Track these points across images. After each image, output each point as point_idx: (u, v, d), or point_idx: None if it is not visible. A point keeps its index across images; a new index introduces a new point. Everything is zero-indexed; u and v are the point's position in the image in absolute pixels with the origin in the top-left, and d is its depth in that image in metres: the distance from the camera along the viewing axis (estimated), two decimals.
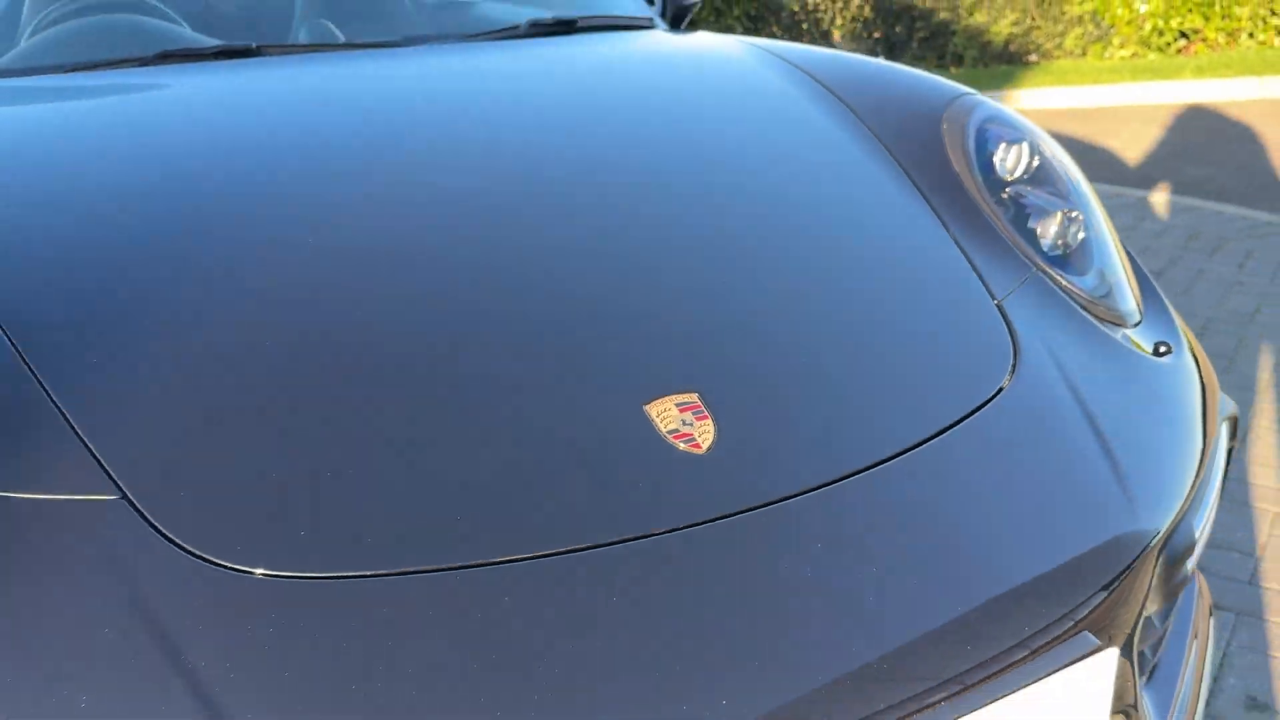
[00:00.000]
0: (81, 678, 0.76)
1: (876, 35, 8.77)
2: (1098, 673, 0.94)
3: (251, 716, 0.74)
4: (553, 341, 1.05)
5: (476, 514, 0.88)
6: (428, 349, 1.03)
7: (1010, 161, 1.47)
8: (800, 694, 0.80)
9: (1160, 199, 4.38)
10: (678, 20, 2.37)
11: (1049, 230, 1.39)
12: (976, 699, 0.86)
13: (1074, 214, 1.42)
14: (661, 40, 2.03)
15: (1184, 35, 8.77)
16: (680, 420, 0.96)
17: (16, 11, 2.01)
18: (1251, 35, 8.79)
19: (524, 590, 0.82)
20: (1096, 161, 5.27)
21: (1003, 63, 8.52)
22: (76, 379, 0.94)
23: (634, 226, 1.27)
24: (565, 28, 1.97)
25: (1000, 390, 1.10)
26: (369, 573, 0.83)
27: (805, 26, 8.62)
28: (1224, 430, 1.30)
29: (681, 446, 0.95)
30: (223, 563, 0.82)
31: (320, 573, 0.83)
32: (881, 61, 1.82)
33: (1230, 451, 1.36)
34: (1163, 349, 1.29)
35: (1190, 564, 1.13)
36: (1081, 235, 1.42)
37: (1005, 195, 1.43)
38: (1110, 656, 0.94)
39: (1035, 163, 1.49)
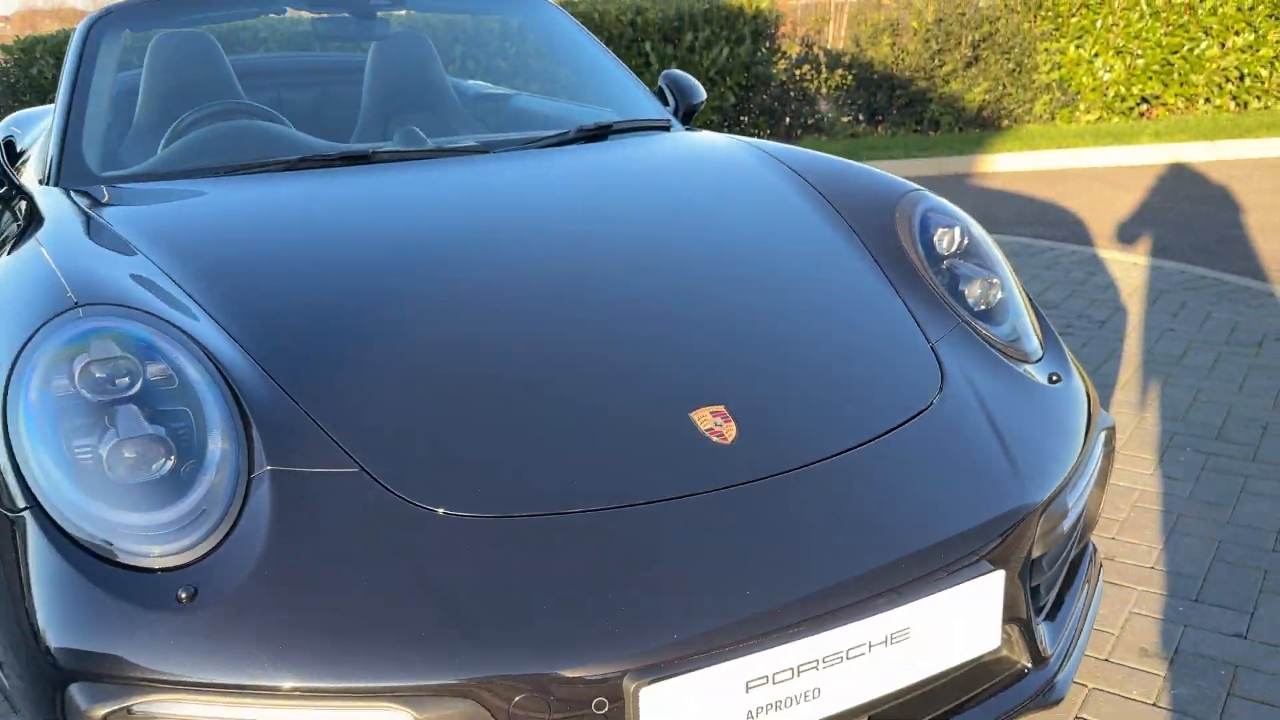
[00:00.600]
0: (344, 584, 1.24)
1: (859, 102, 9.38)
2: (992, 587, 1.41)
3: (448, 608, 1.22)
4: (632, 367, 1.55)
5: (588, 478, 1.37)
6: (551, 366, 1.55)
7: (946, 242, 1.98)
8: (794, 587, 1.28)
9: (1110, 255, 4.91)
10: (688, 117, 2.89)
11: (974, 293, 1.90)
12: (915, 594, 1.34)
13: (993, 280, 1.93)
14: (679, 141, 2.55)
15: (1145, 100, 9.41)
16: (713, 422, 1.46)
17: (150, 121, 2.51)
18: (1208, 100, 9.43)
19: (625, 527, 1.31)
20: (1058, 222, 5.82)
21: (976, 128, 9.12)
22: (320, 397, 1.43)
23: (674, 288, 1.78)
24: (605, 131, 2.49)
25: (931, 404, 1.59)
26: (520, 514, 1.31)
27: (793, 94, 9.22)
28: (1101, 437, 1.78)
29: (714, 440, 1.44)
30: (424, 506, 1.31)
31: (486, 513, 1.31)
32: (850, 162, 2.34)
33: (1111, 453, 1.84)
34: (1055, 378, 1.79)
35: (1067, 526, 1.60)
36: (999, 296, 1.92)
37: (942, 266, 1.94)
38: (999, 577, 1.42)
39: (965, 242, 2.00)
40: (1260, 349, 3.60)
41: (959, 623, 1.38)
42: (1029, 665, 1.54)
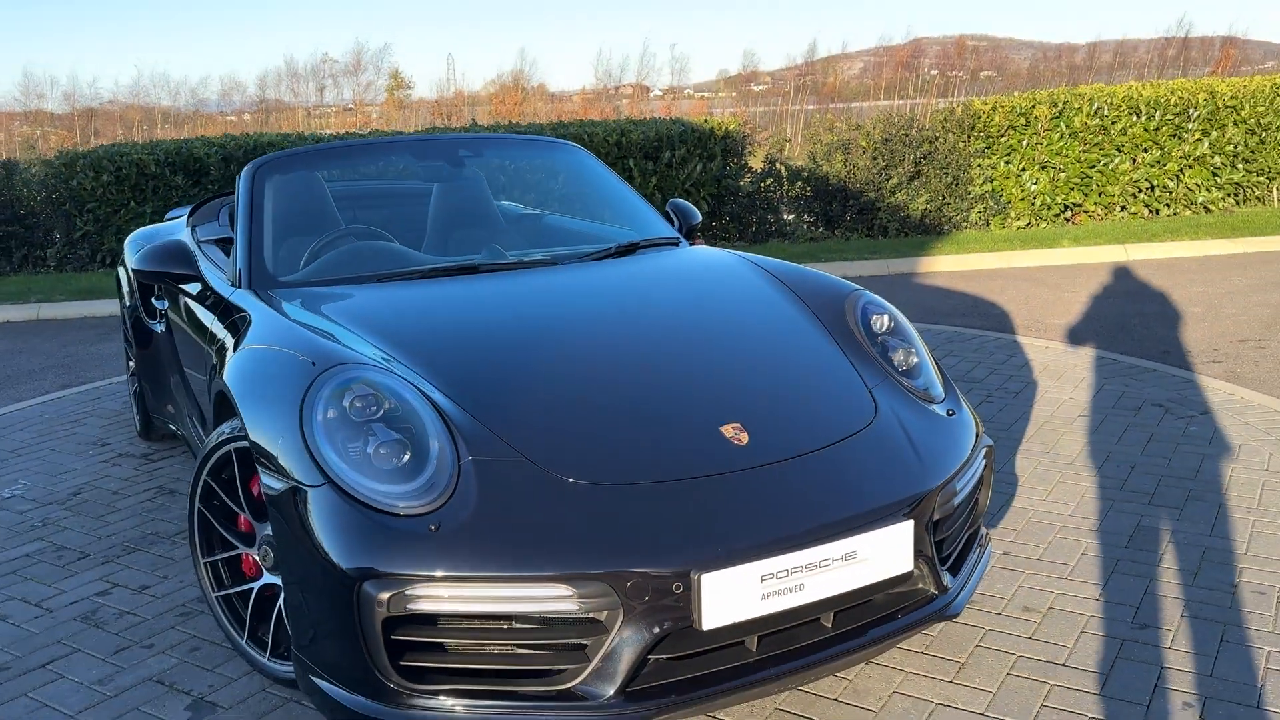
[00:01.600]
0: (520, 519, 2.10)
1: (817, 211, 10.49)
2: (906, 531, 2.28)
3: (583, 532, 2.07)
4: (680, 397, 2.45)
5: (659, 463, 2.24)
6: (628, 395, 2.45)
7: (879, 324, 2.91)
8: (788, 524, 2.15)
9: (1028, 341, 5.90)
10: (690, 234, 3.85)
11: (898, 358, 2.81)
12: (859, 531, 2.20)
13: (911, 350, 2.85)
14: (687, 254, 3.50)
15: (1068, 208, 10.62)
16: (734, 432, 2.34)
17: (297, 242, 3.40)
18: (1124, 208, 10.66)
19: (686, 490, 2.18)
20: (987, 314, 6.84)
21: (920, 233, 10.25)
22: (491, 415, 2.30)
23: (699, 348, 2.71)
24: (634, 248, 3.43)
25: (870, 424, 2.49)
26: (618, 482, 2.18)
27: (759, 204, 10.32)
28: (983, 451, 2.68)
29: (735, 443, 2.32)
30: (560, 476, 2.17)
31: (598, 481, 2.18)
32: (811, 269, 3.28)
33: (990, 463, 2.74)
34: (950, 413, 2.70)
35: (957, 503, 2.48)
36: (915, 360, 2.84)
37: (877, 341, 2.86)
38: (910, 525, 2.28)
39: (892, 325, 2.93)
40: (1139, 411, 4.55)
41: (886, 551, 2.25)
42: (936, 592, 2.41)
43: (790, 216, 10.54)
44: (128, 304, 4.40)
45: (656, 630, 2.04)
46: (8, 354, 6.94)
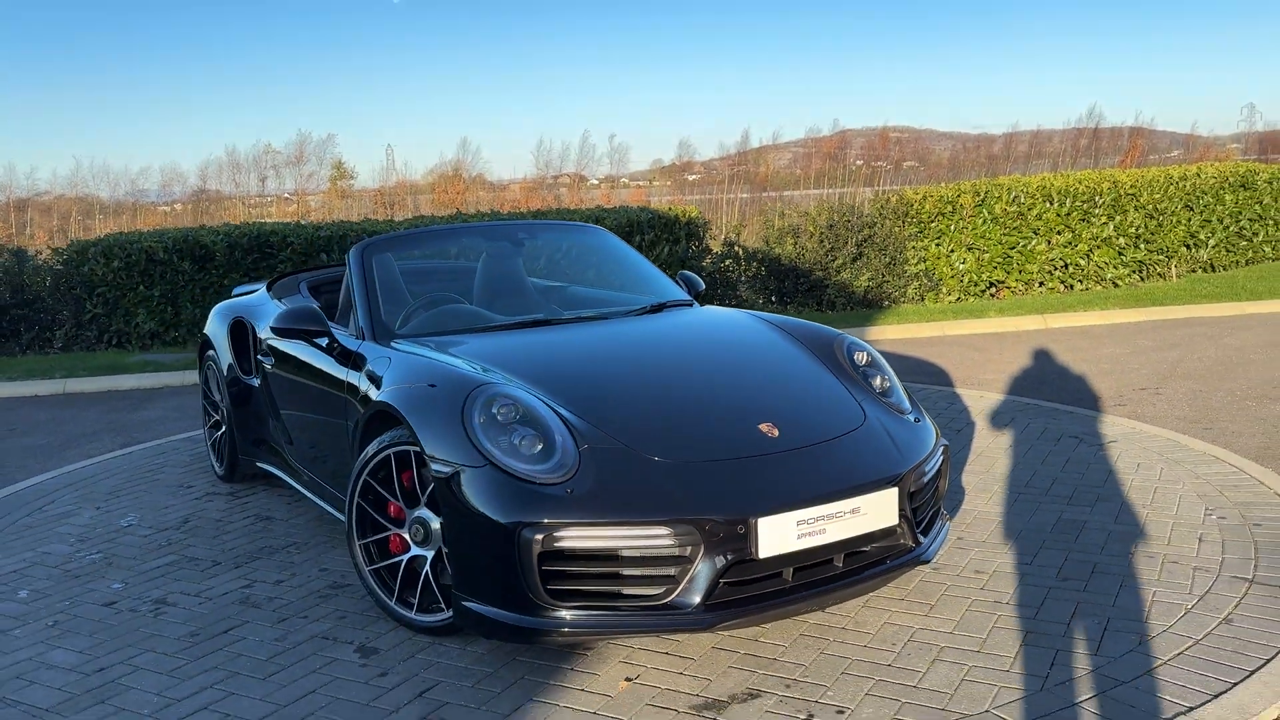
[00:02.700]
0: (627, 486, 2.99)
1: (771, 288, 11.59)
2: (891, 495, 3.20)
3: (673, 491, 2.97)
4: (725, 405, 3.38)
5: (719, 447, 3.15)
6: (689, 406, 3.36)
7: (860, 358, 3.88)
8: (813, 489, 3.07)
9: (965, 392, 6.93)
10: (698, 298, 4.80)
11: (876, 383, 3.77)
12: (861, 494, 3.12)
13: (886, 377, 3.82)
14: (700, 311, 4.46)
15: (993, 285, 11.87)
16: (768, 429, 3.27)
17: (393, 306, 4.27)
18: (1041, 284, 11.93)
19: (740, 467, 3.09)
20: (929, 372, 7.89)
21: (863, 307, 11.38)
22: (597, 418, 3.20)
23: (731, 375, 3.64)
24: (666, 305, 4.38)
25: (860, 425, 3.43)
26: (693, 459, 3.09)
27: (719, 281, 11.38)
28: (941, 448, 3.63)
29: (770, 436, 3.24)
30: (650, 457, 3.07)
31: (678, 460, 3.08)
32: (804, 320, 4.25)
33: (948, 458, 3.68)
34: (916, 420, 3.65)
35: (924, 481, 3.41)
36: (889, 384, 3.80)
37: (860, 370, 3.82)
38: (895, 492, 3.20)
39: (870, 359, 3.90)
40: (1059, 441, 5.56)
41: (879, 508, 3.17)
42: (913, 545, 3.33)
43: (747, 293, 11.61)
44: (225, 364, 5.20)
45: (726, 559, 2.93)
46: (55, 421, 7.61)
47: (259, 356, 4.89)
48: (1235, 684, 2.89)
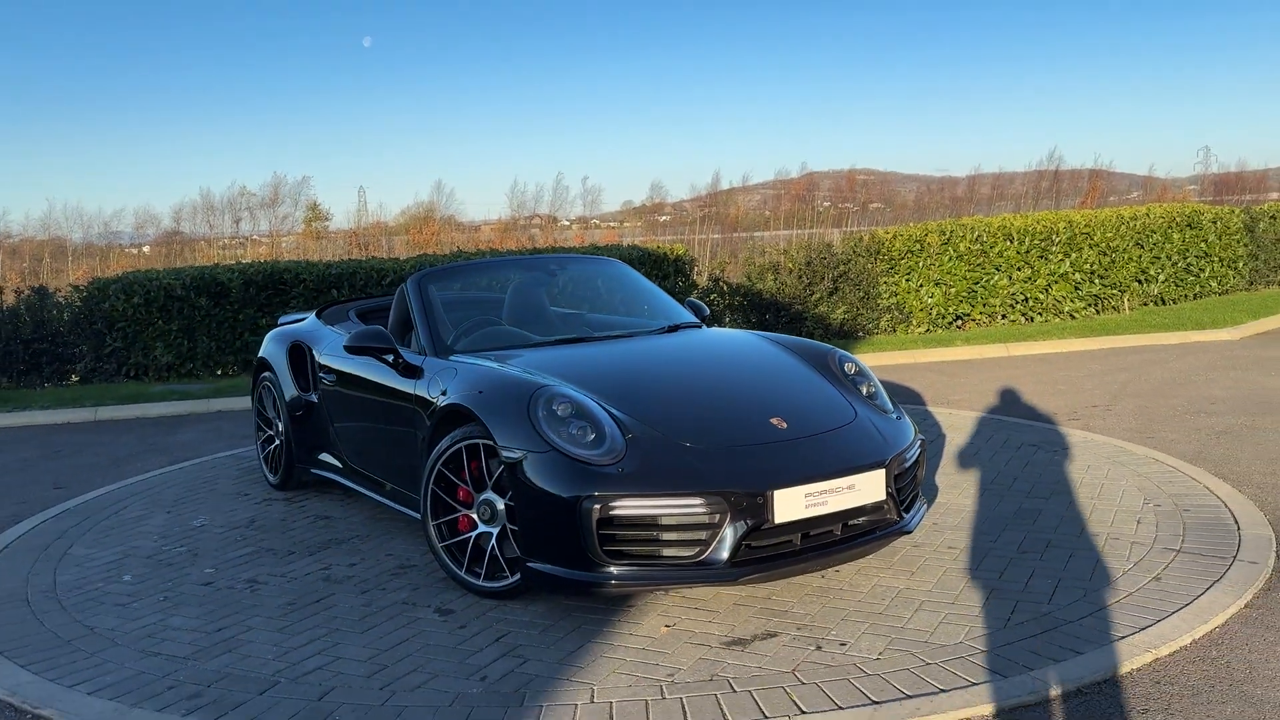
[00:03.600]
0: (662, 464, 3.67)
1: (753, 320, 12.34)
2: (880, 475, 3.90)
3: (702, 468, 3.66)
4: (743, 403, 4.08)
5: (739, 434, 3.84)
6: (715, 403, 4.06)
7: (850, 369, 4.60)
8: (817, 469, 3.76)
9: (936, 409, 7.66)
10: (705, 321, 5.52)
11: (864, 389, 4.49)
12: (856, 473, 3.82)
13: (872, 384, 4.53)
14: (709, 331, 5.18)
15: (959, 317, 12.69)
16: (778, 421, 3.97)
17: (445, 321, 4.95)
18: (1004, 317, 12.77)
19: (756, 451, 3.78)
20: (903, 394, 8.62)
21: (840, 338, 12.15)
22: (639, 414, 3.88)
23: (743, 380, 4.34)
24: (680, 326, 5.09)
25: (852, 420, 4.14)
26: (718, 444, 3.78)
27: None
28: (919, 441, 4.34)
29: (779, 428, 3.94)
30: (681, 443, 3.75)
31: (705, 445, 3.76)
32: (800, 338, 4.97)
33: (924, 450, 4.39)
34: (898, 418, 4.37)
35: (906, 467, 4.11)
36: (874, 389, 4.52)
37: (850, 378, 4.53)
38: (882, 472, 3.90)
39: (858, 370, 4.62)
40: (1019, 449, 6.29)
41: (870, 485, 3.87)
42: (897, 518, 4.03)
43: (732, 325, 12.35)
44: (285, 382, 5.83)
45: (748, 524, 3.60)
46: (96, 445, 8.17)
47: (320, 374, 5.53)
48: (1158, 620, 3.60)
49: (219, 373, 11.27)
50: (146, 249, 50.03)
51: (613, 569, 3.59)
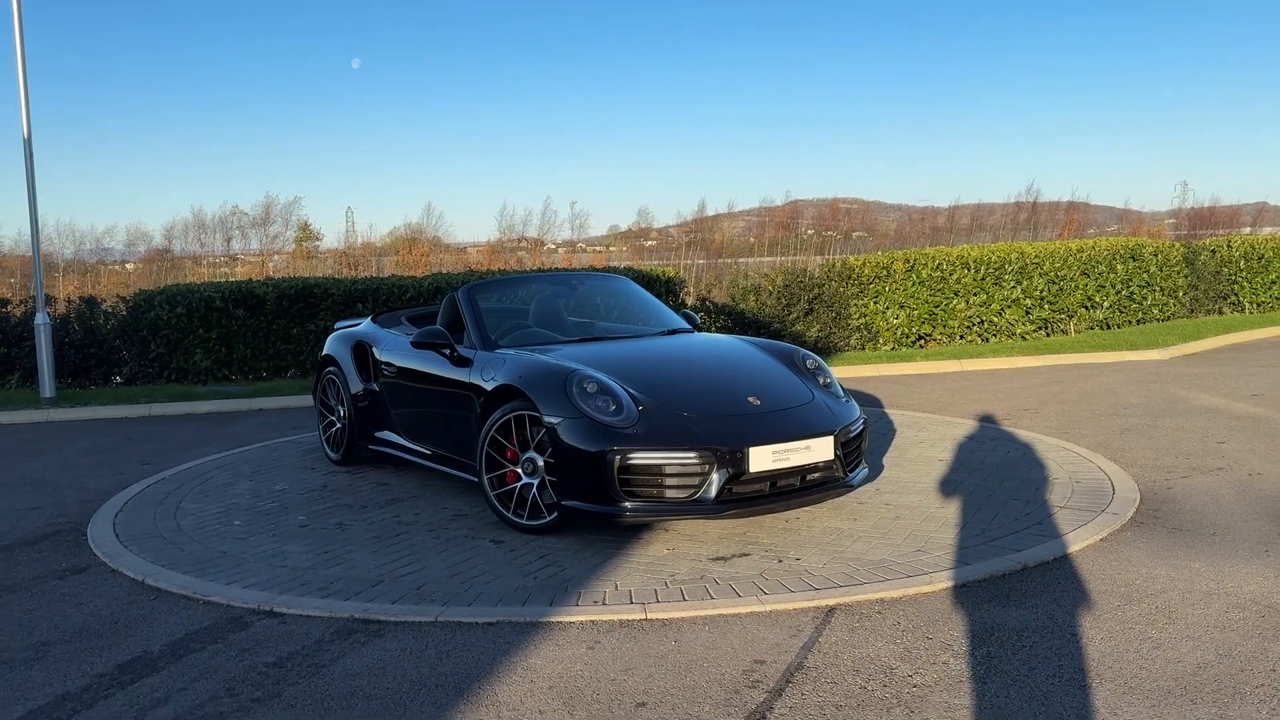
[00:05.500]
0: (669, 429, 4.93)
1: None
2: (829, 441, 5.16)
3: (697, 432, 4.91)
4: (728, 388, 5.35)
5: (724, 407, 5.11)
6: (707, 387, 5.33)
7: (810, 364, 5.88)
8: (781, 434, 5.02)
9: (893, 412, 8.94)
10: (696, 328, 6.79)
11: (821, 379, 5.76)
12: (810, 437, 5.08)
13: (827, 376, 5.81)
14: (700, 335, 6.47)
15: (921, 337, 14.01)
16: (755, 399, 5.24)
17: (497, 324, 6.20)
18: (962, 336, 14.10)
19: (738, 420, 5.05)
20: (865, 399, 9.90)
21: (815, 353, 13.44)
22: (651, 393, 5.14)
23: (728, 371, 5.61)
24: (677, 330, 6.37)
25: (810, 400, 5.41)
26: (709, 415, 5.04)
27: None
28: (862, 419, 5.61)
29: (755, 405, 5.20)
30: (681, 414, 5.01)
31: (699, 414, 5.03)
32: (775, 341, 6.25)
33: (866, 427, 5.65)
34: (847, 401, 5.64)
35: (850, 437, 5.37)
36: (829, 381, 5.79)
37: (809, 371, 5.81)
38: (831, 438, 5.16)
39: (817, 365, 5.90)
40: (955, 441, 7.56)
41: (822, 448, 5.13)
42: (843, 476, 5.29)
43: None
44: (350, 374, 7.04)
45: (729, 473, 4.85)
46: (162, 435, 9.34)
47: (381, 367, 6.76)
48: (1032, 547, 4.86)
49: (251, 377, 12.44)
50: (130, 266, 50.92)
51: (627, 504, 4.83)
